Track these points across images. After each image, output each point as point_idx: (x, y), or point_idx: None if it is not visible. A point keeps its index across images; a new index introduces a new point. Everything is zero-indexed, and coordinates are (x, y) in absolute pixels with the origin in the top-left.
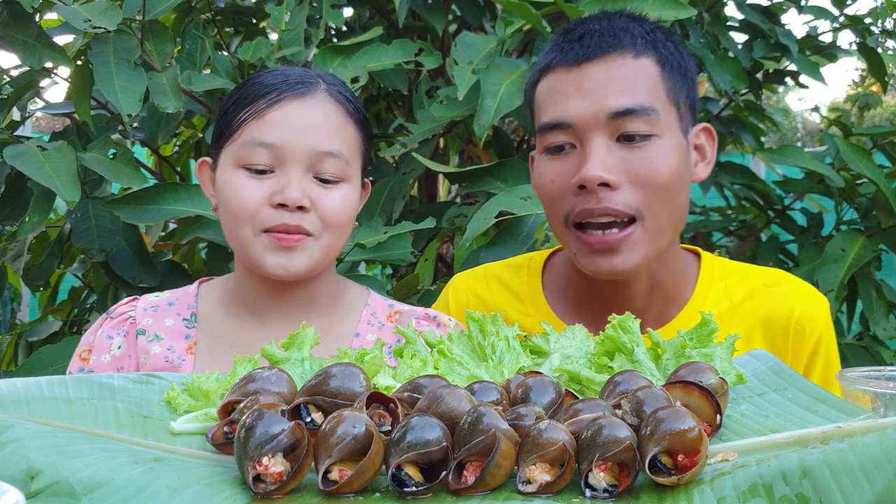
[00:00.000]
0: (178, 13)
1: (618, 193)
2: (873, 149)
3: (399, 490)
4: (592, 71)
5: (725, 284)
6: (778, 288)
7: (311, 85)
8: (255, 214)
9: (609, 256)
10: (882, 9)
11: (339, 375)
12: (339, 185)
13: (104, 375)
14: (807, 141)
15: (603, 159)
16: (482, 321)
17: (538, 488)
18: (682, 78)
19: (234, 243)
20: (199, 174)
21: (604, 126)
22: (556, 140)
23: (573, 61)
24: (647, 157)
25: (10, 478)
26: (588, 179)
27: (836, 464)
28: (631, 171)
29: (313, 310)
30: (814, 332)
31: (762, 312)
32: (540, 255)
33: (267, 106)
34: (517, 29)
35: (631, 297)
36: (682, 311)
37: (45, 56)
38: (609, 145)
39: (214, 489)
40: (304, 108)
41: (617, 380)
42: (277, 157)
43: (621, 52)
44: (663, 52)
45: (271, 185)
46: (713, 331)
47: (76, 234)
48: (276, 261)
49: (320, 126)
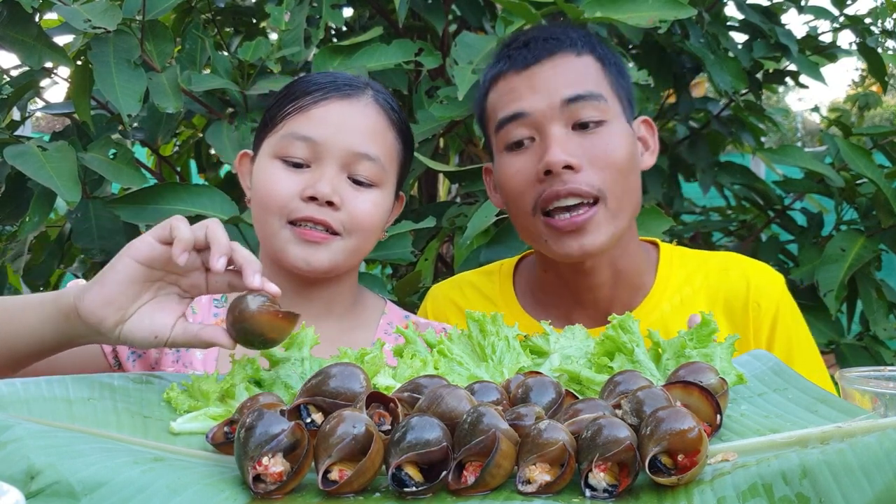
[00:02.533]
0: (178, 13)
1: (581, 175)
2: (873, 149)
3: (399, 490)
4: (541, 70)
5: (686, 272)
6: (734, 269)
7: (359, 89)
8: (284, 205)
9: (578, 237)
10: (882, 9)
11: (339, 375)
12: (371, 189)
13: (104, 375)
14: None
15: (563, 144)
16: (482, 321)
17: (538, 488)
18: (619, 75)
19: (261, 234)
20: (239, 166)
21: (559, 114)
22: (516, 133)
23: (522, 65)
24: (602, 141)
25: (10, 478)
26: (553, 163)
27: (836, 464)
28: (589, 154)
29: (332, 313)
30: (770, 305)
31: (721, 294)
32: (509, 262)
33: (312, 102)
34: (517, 29)
35: (596, 288)
36: (646, 299)
37: (45, 56)
38: (567, 133)
39: (214, 489)
40: (348, 108)
41: (617, 380)
42: (315, 151)
43: (565, 52)
44: (601, 52)
45: (305, 178)
46: (713, 331)
47: (76, 234)
48: (298, 253)
49: (360, 128)
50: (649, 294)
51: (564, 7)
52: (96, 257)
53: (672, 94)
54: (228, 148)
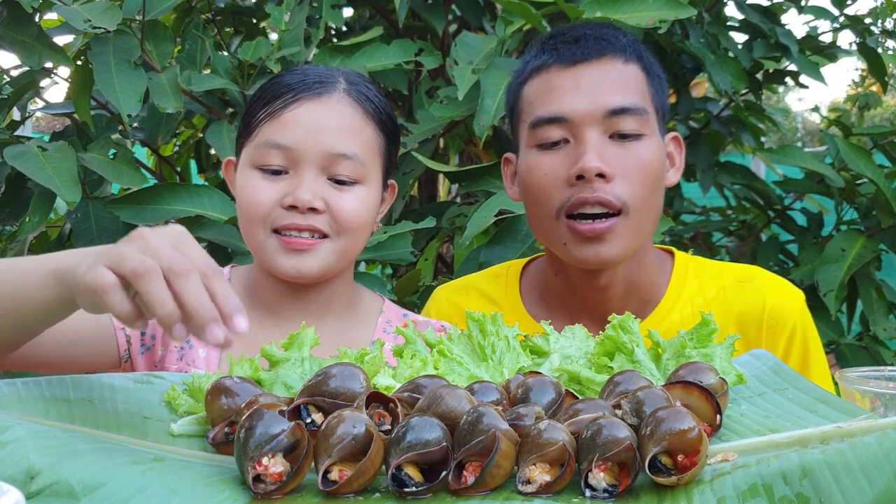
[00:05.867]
0: (178, 13)
1: (610, 185)
2: (873, 149)
3: (399, 490)
4: (588, 71)
5: (699, 282)
6: (751, 283)
7: (330, 85)
8: (266, 215)
9: (596, 245)
10: (882, 9)
11: (339, 375)
12: (354, 187)
13: (104, 375)
14: (807, 141)
15: (599, 152)
16: (482, 321)
17: (538, 488)
18: (661, 87)
19: (250, 244)
20: (226, 173)
21: (599, 122)
22: (551, 134)
23: (569, 61)
24: (637, 154)
25: (10, 478)
26: (587, 169)
27: (836, 464)
28: (622, 166)
29: (330, 312)
30: (786, 325)
31: (735, 308)
32: (517, 264)
33: (283, 106)
34: (517, 29)
35: (606, 299)
36: (656, 309)
37: (45, 56)
38: (603, 140)
39: (214, 489)
40: (319, 108)
41: (617, 380)
42: (291, 158)
43: (614, 55)
44: (647, 62)
45: (284, 186)
46: (713, 331)
47: (76, 235)
48: (287, 262)
49: (335, 127)
50: (660, 304)
51: (564, 7)
52: None
53: (672, 94)
54: (228, 148)
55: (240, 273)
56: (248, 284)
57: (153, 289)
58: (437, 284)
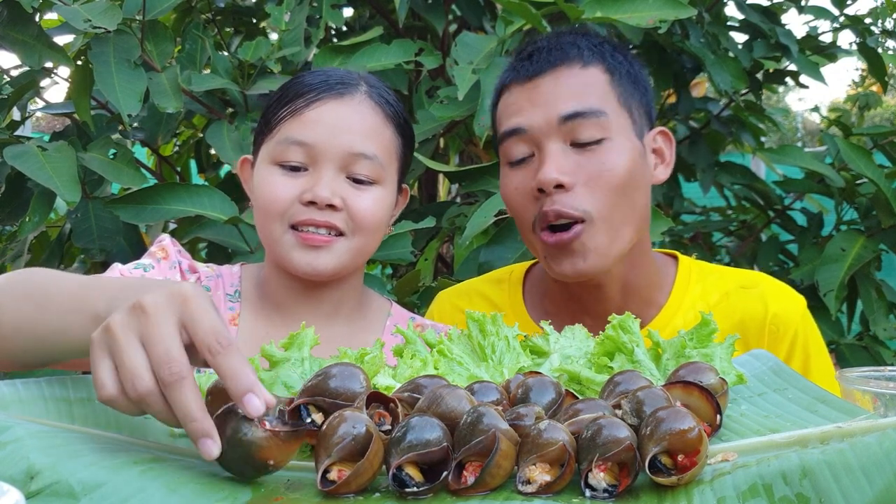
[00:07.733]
0: (178, 13)
1: (570, 195)
2: (873, 149)
3: (400, 490)
4: (543, 83)
5: (702, 287)
6: (753, 289)
7: (352, 86)
8: (285, 210)
9: (569, 257)
10: (882, 9)
11: (339, 375)
12: (372, 187)
13: None
14: (807, 141)
15: (557, 162)
16: (482, 321)
17: (538, 488)
18: (632, 85)
19: (265, 240)
20: (241, 171)
21: (556, 131)
22: (516, 149)
23: (525, 77)
24: (599, 159)
25: (10, 478)
26: (544, 182)
27: (836, 464)
28: (584, 173)
29: (340, 314)
30: (788, 331)
31: (737, 314)
32: (520, 268)
33: (305, 105)
34: (517, 29)
35: (605, 301)
36: (658, 314)
37: (45, 56)
38: (564, 150)
39: (214, 489)
40: (341, 108)
41: (617, 380)
42: (311, 155)
43: (569, 63)
44: (611, 62)
45: (303, 182)
46: (713, 331)
47: (76, 234)
48: (303, 258)
49: (356, 127)
50: (662, 309)
51: (564, 7)
52: (96, 257)
53: (672, 94)
54: (228, 148)
55: (250, 271)
56: (259, 282)
57: (151, 401)
58: (436, 284)
